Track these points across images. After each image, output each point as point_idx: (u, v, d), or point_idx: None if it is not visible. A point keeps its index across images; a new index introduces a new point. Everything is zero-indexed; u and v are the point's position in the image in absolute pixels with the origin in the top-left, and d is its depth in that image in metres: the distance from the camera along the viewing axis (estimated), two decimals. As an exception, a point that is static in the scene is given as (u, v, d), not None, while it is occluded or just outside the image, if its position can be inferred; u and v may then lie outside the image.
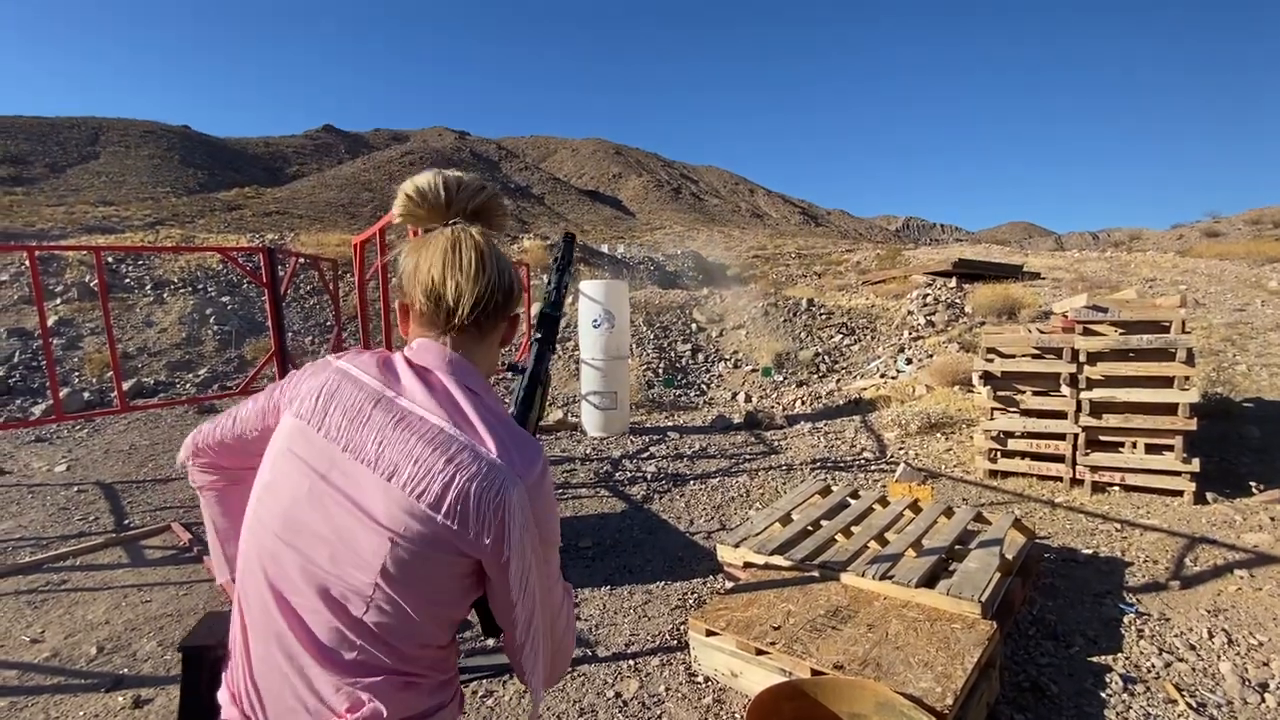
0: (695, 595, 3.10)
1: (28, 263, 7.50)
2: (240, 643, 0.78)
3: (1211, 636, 2.58)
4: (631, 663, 2.55)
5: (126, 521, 4.09)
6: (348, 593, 0.71)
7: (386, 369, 0.78)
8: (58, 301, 9.32)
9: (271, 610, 0.74)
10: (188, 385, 8.05)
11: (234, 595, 0.82)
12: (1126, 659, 2.46)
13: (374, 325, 6.24)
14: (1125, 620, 2.72)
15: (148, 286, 10.17)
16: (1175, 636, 2.60)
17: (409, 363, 0.78)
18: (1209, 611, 2.77)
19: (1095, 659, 2.47)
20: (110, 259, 10.32)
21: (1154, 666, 2.41)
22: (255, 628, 0.76)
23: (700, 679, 2.42)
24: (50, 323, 8.49)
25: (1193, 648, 2.52)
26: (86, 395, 7.29)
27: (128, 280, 10.26)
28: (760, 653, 2.22)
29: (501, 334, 0.87)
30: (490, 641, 2.57)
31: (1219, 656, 2.46)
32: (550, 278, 1.13)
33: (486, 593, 0.77)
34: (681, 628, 2.76)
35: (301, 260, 7.06)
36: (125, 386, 6.36)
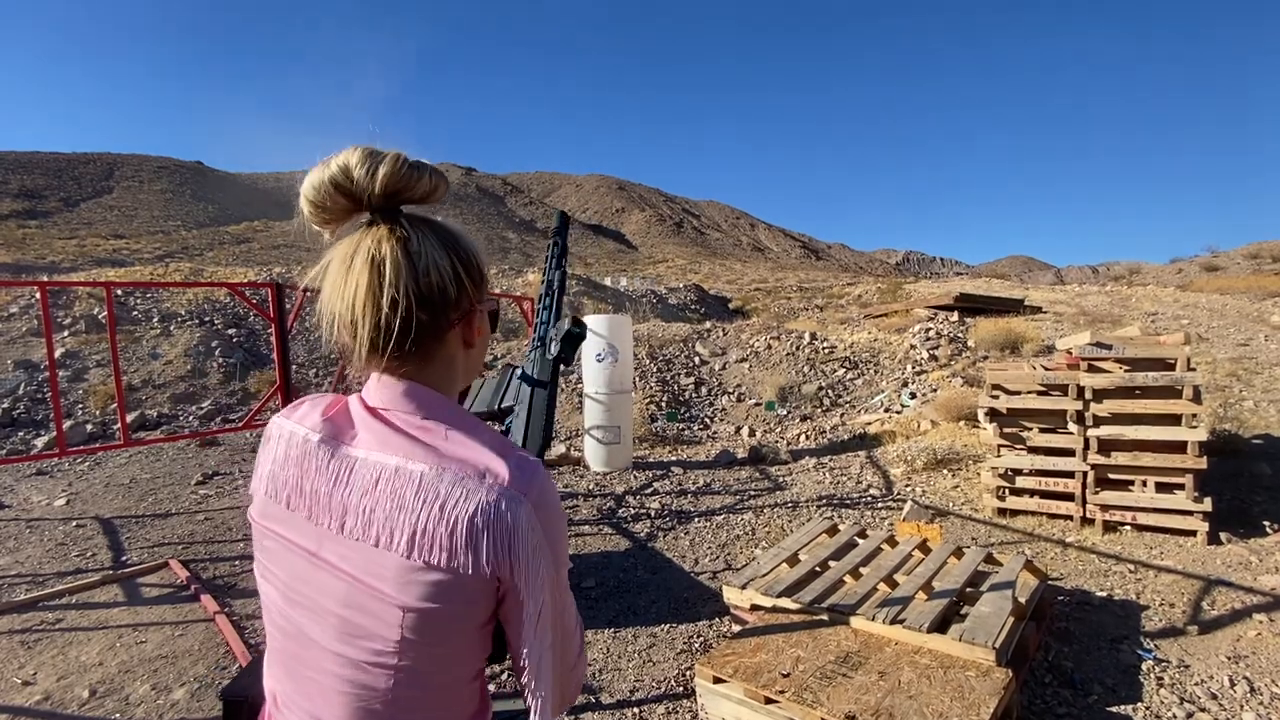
0: (701, 639, 3.03)
1: (38, 296, 7.60)
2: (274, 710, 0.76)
3: (1233, 685, 2.51)
4: (637, 710, 2.47)
5: (124, 558, 4.04)
6: (367, 665, 0.66)
7: (343, 422, 0.71)
8: (65, 334, 9.39)
9: (291, 689, 0.72)
10: (190, 418, 8.04)
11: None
12: (1147, 709, 2.39)
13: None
14: (1144, 667, 2.65)
15: (155, 319, 10.26)
16: (1196, 685, 2.53)
17: (366, 407, 0.71)
18: (1229, 658, 2.70)
19: (1115, 708, 2.40)
20: (119, 292, 10.44)
21: (1176, 717, 2.33)
22: (287, 703, 0.73)
23: (707, 728, 2.34)
24: (57, 355, 8.54)
25: (1214, 697, 2.45)
26: (89, 427, 7.29)
27: (135, 313, 10.35)
28: (769, 701, 2.16)
29: (461, 337, 0.74)
30: (520, 700, 2.51)
31: (1242, 706, 2.39)
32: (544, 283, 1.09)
33: (501, 621, 0.71)
34: (688, 673, 2.69)
35: (308, 293, 7.13)
36: (128, 419, 6.35)
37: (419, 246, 0.68)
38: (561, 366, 1.07)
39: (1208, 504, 3.90)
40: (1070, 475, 4.32)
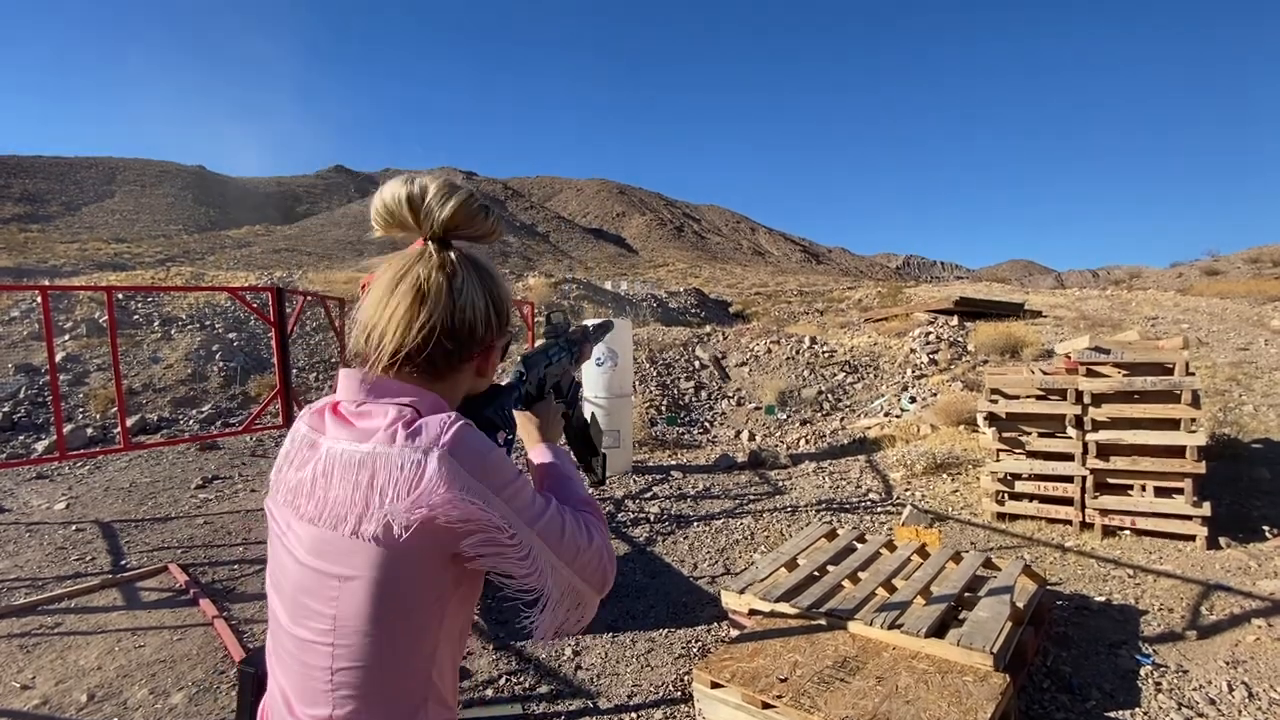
0: (699, 643, 3.03)
1: (39, 300, 7.62)
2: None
3: (1231, 690, 2.50)
4: (634, 715, 2.47)
5: (124, 562, 4.05)
6: (310, 643, 0.72)
7: (320, 417, 0.76)
8: (66, 338, 9.41)
9: (271, 663, 0.80)
10: (190, 422, 8.05)
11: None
12: (1145, 714, 2.39)
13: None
14: (1142, 672, 2.65)
15: (155, 323, 10.28)
16: (1194, 690, 2.52)
17: (333, 404, 0.76)
18: (1228, 663, 2.69)
19: (1113, 714, 2.39)
20: (120, 296, 10.46)
21: (1174, 722, 2.33)
22: (271, 674, 0.81)
23: (705, 733, 2.34)
24: (58, 358, 8.55)
25: (1213, 702, 2.45)
26: (90, 431, 7.29)
27: (136, 317, 10.37)
28: (767, 706, 2.16)
29: (476, 368, 0.80)
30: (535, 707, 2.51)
31: (1240, 712, 2.38)
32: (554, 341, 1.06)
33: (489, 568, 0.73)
34: (686, 678, 2.69)
35: (309, 298, 7.14)
36: (129, 423, 6.36)
37: (462, 283, 0.74)
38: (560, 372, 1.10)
39: (1207, 509, 3.89)
40: (1069, 480, 4.32)
